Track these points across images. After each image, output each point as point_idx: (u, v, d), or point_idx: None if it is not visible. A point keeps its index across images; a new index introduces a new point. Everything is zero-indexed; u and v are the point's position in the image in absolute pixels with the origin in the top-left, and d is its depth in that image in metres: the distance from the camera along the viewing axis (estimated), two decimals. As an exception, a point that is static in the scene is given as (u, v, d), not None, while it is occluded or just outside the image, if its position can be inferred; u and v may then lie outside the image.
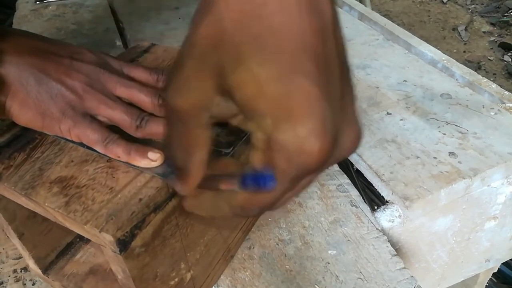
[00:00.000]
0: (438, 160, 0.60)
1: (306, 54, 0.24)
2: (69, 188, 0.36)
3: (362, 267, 0.50)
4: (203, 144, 0.29)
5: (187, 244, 0.40)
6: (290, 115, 0.24)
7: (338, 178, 0.62)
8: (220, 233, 0.45)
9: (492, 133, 0.64)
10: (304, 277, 0.50)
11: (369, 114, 0.69)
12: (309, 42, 0.24)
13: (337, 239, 0.54)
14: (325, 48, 0.24)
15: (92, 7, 1.13)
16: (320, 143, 0.24)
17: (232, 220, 0.48)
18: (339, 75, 0.26)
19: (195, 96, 0.26)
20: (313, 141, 0.24)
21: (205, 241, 0.43)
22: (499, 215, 0.65)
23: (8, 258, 0.53)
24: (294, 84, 0.23)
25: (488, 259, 0.72)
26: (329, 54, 0.25)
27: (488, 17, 2.82)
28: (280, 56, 0.23)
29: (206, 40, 0.24)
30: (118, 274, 0.36)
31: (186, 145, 0.29)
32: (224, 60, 0.24)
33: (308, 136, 0.24)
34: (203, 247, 0.43)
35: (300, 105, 0.23)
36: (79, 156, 0.39)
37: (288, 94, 0.23)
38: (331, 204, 0.58)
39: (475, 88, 0.73)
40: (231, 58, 0.24)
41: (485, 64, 2.43)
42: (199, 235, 0.42)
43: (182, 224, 0.38)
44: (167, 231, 0.37)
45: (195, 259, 0.42)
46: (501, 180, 0.60)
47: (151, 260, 0.36)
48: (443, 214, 0.59)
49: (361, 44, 0.90)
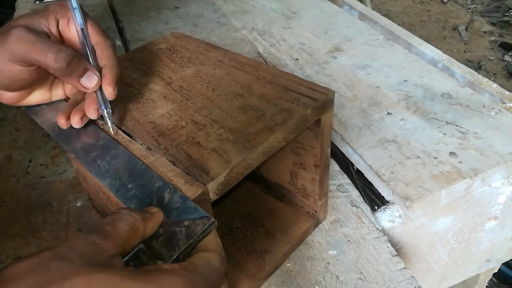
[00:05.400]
0: (438, 160, 0.59)
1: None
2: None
3: (362, 267, 0.50)
4: None
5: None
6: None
7: (338, 178, 0.62)
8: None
9: (493, 133, 0.63)
10: (304, 277, 0.50)
11: (370, 114, 0.69)
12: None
13: (337, 239, 0.54)
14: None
15: (92, 7, 1.13)
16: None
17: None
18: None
19: None
20: None
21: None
22: (499, 215, 0.65)
23: (8, 258, 0.53)
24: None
25: (489, 259, 0.72)
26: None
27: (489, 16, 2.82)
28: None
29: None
30: None
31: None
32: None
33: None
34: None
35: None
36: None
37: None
38: (332, 204, 0.58)
39: (475, 88, 0.73)
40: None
41: (485, 64, 2.43)
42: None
43: None
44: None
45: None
46: (502, 180, 0.60)
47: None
48: (444, 214, 0.59)
49: (361, 44, 0.90)
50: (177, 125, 0.42)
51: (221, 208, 0.57)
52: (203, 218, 0.30)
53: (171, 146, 0.39)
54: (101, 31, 0.42)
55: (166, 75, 0.50)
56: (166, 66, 0.52)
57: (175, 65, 0.52)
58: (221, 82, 0.47)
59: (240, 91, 0.46)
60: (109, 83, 0.40)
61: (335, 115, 0.69)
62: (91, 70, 0.40)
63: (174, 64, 0.52)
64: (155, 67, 0.52)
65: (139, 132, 0.41)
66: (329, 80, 0.79)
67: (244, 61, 0.51)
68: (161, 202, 0.33)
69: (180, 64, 0.52)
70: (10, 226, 0.57)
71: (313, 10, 1.06)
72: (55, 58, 0.37)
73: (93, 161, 0.39)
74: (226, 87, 0.46)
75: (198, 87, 0.47)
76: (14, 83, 0.41)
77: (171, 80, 0.49)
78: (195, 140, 0.39)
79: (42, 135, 0.72)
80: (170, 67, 0.51)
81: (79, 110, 0.41)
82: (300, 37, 0.94)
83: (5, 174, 0.65)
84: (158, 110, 0.44)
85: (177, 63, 0.52)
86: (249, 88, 0.46)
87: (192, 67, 0.51)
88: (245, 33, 0.98)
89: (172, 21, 1.05)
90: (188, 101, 0.45)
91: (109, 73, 0.41)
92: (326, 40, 0.92)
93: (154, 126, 0.42)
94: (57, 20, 0.42)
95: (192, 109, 0.44)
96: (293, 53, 0.88)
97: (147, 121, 0.43)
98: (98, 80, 0.40)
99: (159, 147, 0.39)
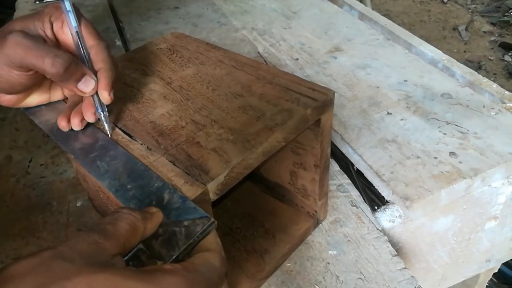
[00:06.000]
0: (438, 160, 0.59)
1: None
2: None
3: (362, 267, 0.50)
4: None
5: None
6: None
7: (338, 178, 0.62)
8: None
9: (493, 133, 0.63)
10: (304, 277, 0.50)
11: (370, 114, 0.69)
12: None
13: (337, 239, 0.54)
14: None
15: (92, 7, 1.13)
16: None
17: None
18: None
19: None
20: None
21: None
22: (499, 215, 0.65)
23: (8, 258, 0.53)
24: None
25: (489, 259, 0.72)
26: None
27: (489, 17, 2.82)
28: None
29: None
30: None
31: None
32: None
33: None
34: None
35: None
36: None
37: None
38: (332, 204, 0.58)
39: (475, 88, 0.73)
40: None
41: (485, 64, 2.43)
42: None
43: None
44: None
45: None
46: (502, 180, 0.60)
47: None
48: (444, 214, 0.59)
49: (361, 43, 0.90)
50: (177, 125, 0.42)
51: (221, 208, 0.57)
52: (203, 218, 0.30)
53: (171, 146, 0.39)
54: (95, 33, 0.42)
55: (166, 75, 0.50)
56: (166, 66, 0.52)
57: (175, 65, 0.52)
58: (221, 82, 0.47)
59: (240, 91, 0.46)
60: (104, 87, 0.40)
61: (335, 115, 0.69)
62: (88, 74, 0.40)
63: (174, 64, 0.52)
64: (155, 67, 0.52)
65: (139, 132, 0.41)
66: (329, 80, 0.79)
67: (244, 61, 0.51)
68: (161, 202, 0.33)
69: (180, 64, 0.52)
70: (10, 226, 0.57)
71: (313, 10, 1.06)
72: (52, 63, 0.37)
73: (92, 162, 0.38)
74: (226, 87, 0.46)
75: (198, 87, 0.47)
76: (12, 87, 0.41)
77: (171, 80, 0.49)
78: (195, 140, 0.39)
79: (42, 135, 0.72)
80: (170, 67, 0.51)
81: (78, 113, 0.41)
82: (300, 37, 0.94)
83: (5, 174, 0.65)
84: (158, 110, 0.44)
85: (177, 63, 0.52)
86: (249, 88, 0.46)
87: (192, 67, 0.51)
88: (245, 33, 0.98)
89: (172, 21, 1.05)
90: (188, 101, 0.45)
91: (104, 77, 0.40)
92: (326, 40, 0.92)
93: (154, 126, 0.42)
94: (51, 23, 0.41)
95: (192, 109, 0.44)
96: (293, 53, 0.88)
97: (147, 121, 0.43)
98: (95, 85, 0.40)
99: (159, 147, 0.39)
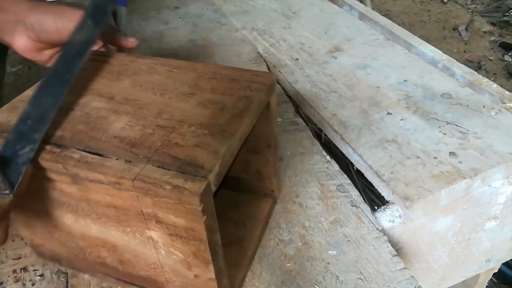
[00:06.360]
0: (438, 160, 0.59)
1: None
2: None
3: (362, 268, 0.50)
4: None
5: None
6: None
7: (338, 178, 0.62)
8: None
9: (493, 133, 0.63)
10: (304, 277, 0.50)
11: (370, 114, 0.69)
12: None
13: (337, 239, 0.54)
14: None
15: (92, 7, 1.13)
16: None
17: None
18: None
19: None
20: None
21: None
22: (499, 215, 0.65)
23: (8, 258, 0.53)
24: None
25: (489, 259, 0.72)
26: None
27: (489, 16, 2.82)
28: None
29: None
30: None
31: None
32: None
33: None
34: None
35: None
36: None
37: None
38: (332, 204, 0.58)
39: (475, 88, 0.73)
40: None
41: (485, 64, 2.43)
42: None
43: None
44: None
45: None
46: (502, 180, 0.60)
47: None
48: (444, 214, 0.59)
49: (361, 43, 0.90)
50: (144, 133, 0.40)
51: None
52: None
53: (150, 153, 0.38)
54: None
55: (104, 91, 0.47)
56: (97, 83, 0.48)
57: (107, 80, 0.49)
58: (165, 86, 0.46)
59: (189, 90, 0.45)
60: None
61: (335, 115, 0.69)
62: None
63: (106, 80, 0.49)
64: (87, 86, 0.48)
65: (108, 149, 0.39)
66: (329, 80, 0.79)
67: (176, 64, 0.50)
68: None
69: (111, 79, 0.49)
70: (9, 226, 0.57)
71: (313, 10, 1.06)
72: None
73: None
74: (174, 90, 0.46)
75: (145, 95, 0.45)
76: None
77: (111, 94, 0.46)
78: (172, 142, 0.39)
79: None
80: (102, 83, 0.48)
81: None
82: (300, 37, 0.94)
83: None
84: (115, 124, 0.42)
85: (108, 79, 0.49)
86: (197, 85, 0.46)
87: (126, 79, 0.48)
88: (245, 33, 0.98)
89: (172, 21, 1.05)
90: (142, 109, 0.43)
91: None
92: (326, 40, 0.92)
93: (120, 140, 0.40)
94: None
95: (151, 116, 0.42)
96: (293, 53, 0.88)
97: (110, 136, 0.40)
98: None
99: (138, 157, 0.37)
